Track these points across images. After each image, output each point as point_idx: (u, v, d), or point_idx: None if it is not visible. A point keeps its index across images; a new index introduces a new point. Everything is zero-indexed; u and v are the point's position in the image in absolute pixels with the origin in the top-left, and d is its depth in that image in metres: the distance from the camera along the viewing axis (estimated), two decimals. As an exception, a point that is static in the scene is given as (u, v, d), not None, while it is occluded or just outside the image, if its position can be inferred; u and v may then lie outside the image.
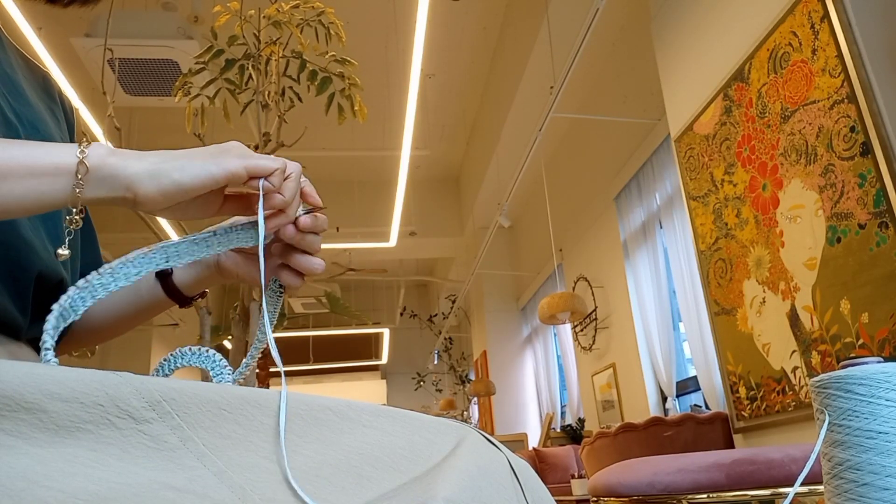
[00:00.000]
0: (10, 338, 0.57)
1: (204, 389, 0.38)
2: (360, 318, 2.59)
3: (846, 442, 0.69)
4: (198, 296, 0.69)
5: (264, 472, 0.37)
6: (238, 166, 0.51)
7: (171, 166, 0.49)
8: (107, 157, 0.48)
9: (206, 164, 0.50)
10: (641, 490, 1.68)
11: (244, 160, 0.51)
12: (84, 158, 0.47)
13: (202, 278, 0.67)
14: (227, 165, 0.50)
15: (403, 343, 11.13)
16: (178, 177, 0.49)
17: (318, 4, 1.89)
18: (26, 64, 0.71)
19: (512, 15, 5.07)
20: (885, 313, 1.92)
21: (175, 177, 0.49)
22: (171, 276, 0.66)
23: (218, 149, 0.52)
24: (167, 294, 0.67)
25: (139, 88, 3.73)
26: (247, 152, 0.53)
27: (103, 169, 0.48)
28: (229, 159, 0.51)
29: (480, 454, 0.45)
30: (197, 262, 0.65)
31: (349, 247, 7.08)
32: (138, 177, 0.48)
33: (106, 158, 0.48)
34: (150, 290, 0.67)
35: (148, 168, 0.49)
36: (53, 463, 0.31)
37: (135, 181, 0.48)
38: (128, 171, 0.48)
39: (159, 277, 0.66)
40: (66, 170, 0.47)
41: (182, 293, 0.67)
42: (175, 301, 0.67)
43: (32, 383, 0.33)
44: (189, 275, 0.67)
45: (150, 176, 0.48)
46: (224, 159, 0.51)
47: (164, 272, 0.66)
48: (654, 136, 3.98)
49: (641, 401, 4.28)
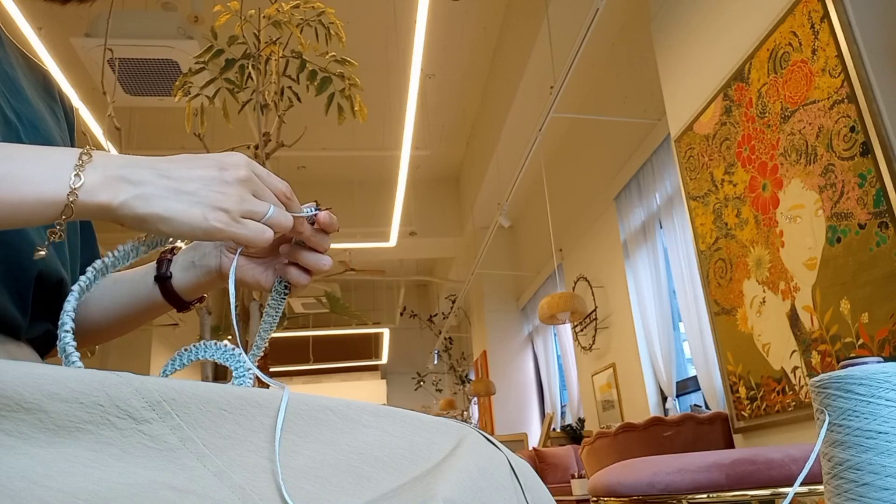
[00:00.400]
0: (10, 337, 0.57)
1: (204, 389, 0.38)
2: (360, 318, 2.59)
3: (846, 442, 0.69)
4: (196, 300, 0.68)
5: (264, 472, 0.37)
6: (224, 237, 0.50)
7: (159, 216, 0.48)
8: (98, 194, 0.47)
9: (195, 224, 0.49)
10: (641, 490, 1.68)
11: (234, 231, 0.50)
12: (73, 202, 0.46)
13: (202, 283, 0.66)
14: (214, 235, 0.50)
15: (403, 343, 11.13)
16: (163, 228, 0.49)
17: (318, 4, 1.89)
18: (26, 63, 0.71)
19: (512, 15, 5.07)
20: (885, 313, 1.92)
21: (161, 228, 0.49)
22: (170, 280, 0.65)
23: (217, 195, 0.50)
24: (166, 298, 0.66)
25: (139, 88, 3.73)
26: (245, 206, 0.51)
27: (92, 207, 0.47)
28: (221, 224, 0.50)
29: (480, 454, 0.45)
30: (196, 267, 0.65)
31: (349, 247, 7.08)
32: (125, 219, 0.48)
33: (97, 195, 0.47)
34: (149, 293, 0.66)
35: (137, 212, 0.48)
36: (53, 463, 0.31)
37: (122, 221, 0.48)
38: (118, 212, 0.48)
39: (158, 281, 0.66)
40: (54, 203, 0.46)
41: (180, 297, 0.66)
42: (173, 305, 0.67)
43: (32, 383, 0.33)
44: (188, 279, 0.66)
45: (138, 221, 0.48)
46: (216, 223, 0.49)
47: (163, 276, 0.65)
48: (654, 136, 3.98)
49: (641, 401, 4.28)
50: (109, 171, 0.48)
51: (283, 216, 0.53)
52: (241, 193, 0.51)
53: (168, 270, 0.65)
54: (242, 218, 0.51)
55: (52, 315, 0.61)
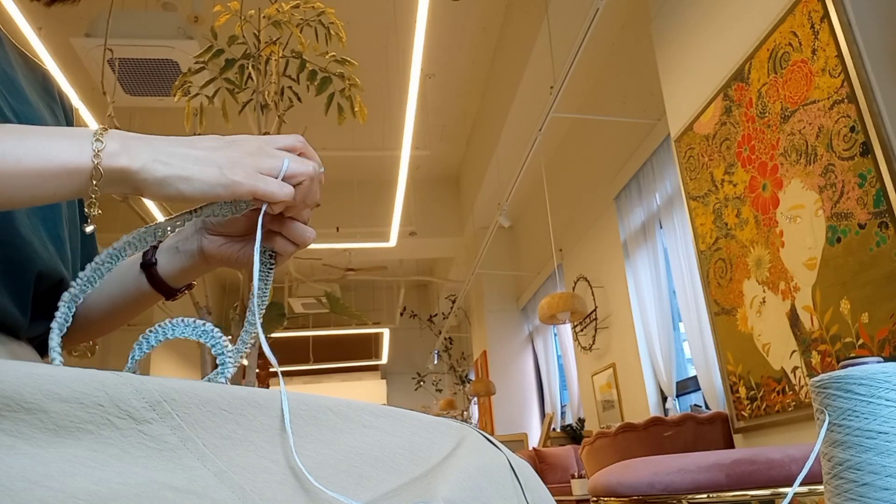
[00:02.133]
0: (11, 337, 0.57)
1: (204, 390, 0.38)
2: (360, 318, 2.59)
3: (846, 442, 0.69)
4: (184, 287, 0.68)
5: (264, 472, 0.37)
6: (246, 190, 0.51)
7: (178, 175, 0.49)
8: (118, 157, 0.48)
9: (214, 180, 0.50)
10: (641, 490, 1.68)
11: (254, 183, 0.51)
12: (98, 164, 0.47)
13: (187, 268, 0.65)
14: (234, 188, 0.51)
15: (403, 343, 11.13)
16: (183, 188, 0.50)
17: (318, 4, 1.89)
18: (26, 63, 0.71)
19: (512, 15, 5.07)
20: (885, 313, 1.92)
21: (181, 187, 0.50)
22: (155, 267, 0.65)
23: (231, 154, 0.52)
24: (152, 285, 0.66)
25: (139, 88, 3.73)
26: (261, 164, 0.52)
27: (114, 173, 0.48)
28: (239, 177, 0.51)
29: (480, 454, 0.45)
30: (180, 252, 0.65)
31: (349, 247, 7.08)
32: (147, 182, 0.49)
33: (118, 159, 0.48)
34: (135, 282, 0.66)
35: (157, 175, 0.49)
36: (53, 463, 0.31)
37: (143, 186, 0.49)
38: (137, 176, 0.49)
39: (144, 268, 0.65)
40: (79, 172, 0.47)
41: (167, 284, 0.66)
42: (160, 293, 0.66)
43: (32, 383, 0.33)
44: (173, 264, 0.65)
45: (158, 183, 0.49)
46: (235, 176, 0.51)
47: (148, 262, 0.65)
48: (654, 136, 3.98)
49: (641, 401, 4.28)
50: (126, 140, 0.49)
51: (301, 163, 0.54)
52: (253, 152, 0.52)
53: (153, 257, 0.65)
54: (260, 174, 0.52)
55: (53, 315, 0.61)
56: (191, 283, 0.69)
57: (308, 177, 0.54)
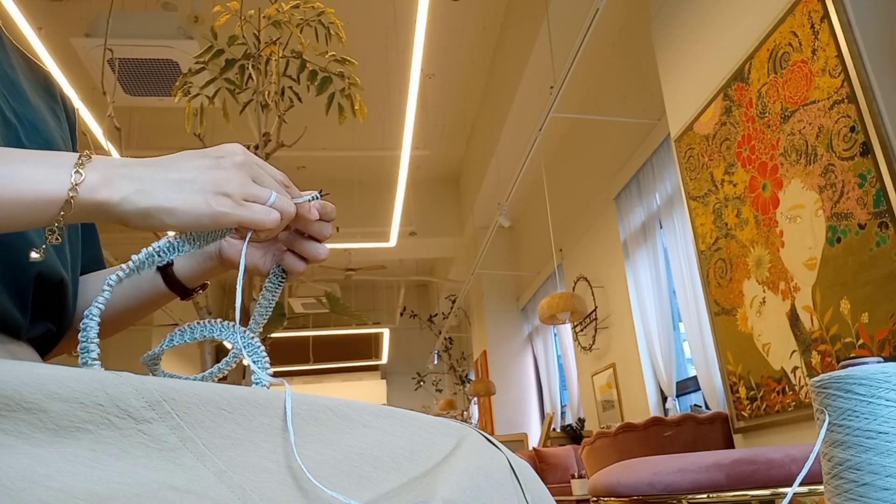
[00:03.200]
0: (10, 337, 0.57)
1: (204, 389, 0.38)
2: (360, 318, 2.59)
3: (846, 442, 0.69)
4: (199, 287, 0.68)
5: (264, 472, 0.37)
6: (232, 221, 0.50)
7: (161, 207, 0.48)
8: (99, 191, 0.47)
9: (199, 212, 0.49)
10: (641, 490, 1.68)
11: (240, 214, 0.50)
12: (73, 198, 0.46)
13: (205, 269, 0.66)
14: (220, 220, 0.50)
15: (403, 343, 11.13)
16: (166, 220, 0.49)
17: (318, 4, 1.89)
18: (27, 64, 0.71)
19: (512, 15, 5.07)
20: (885, 313, 1.92)
21: (164, 220, 0.48)
22: (172, 268, 0.66)
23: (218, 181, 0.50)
24: (168, 286, 0.66)
25: (139, 88, 3.73)
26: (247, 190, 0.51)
27: (93, 205, 0.47)
28: (226, 208, 0.50)
29: (480, 454, 0.46)
30: (198, 253, 0.65)
31: (349, 247, 7.08)
32: (128, 215, 0.48)
33: (98, 192, 0.47)
34: (151, 282, 0.66)
35: (139, 207, 0.48)
36: (53, 463, 0.31)
37: (124, 218, 0.48)
38: (119, 208, 0.47)
39: (160, 269, 0.66)
40: (54, 202, 0.46)
41: (183, 284, 0.66)
42: (176, 293, 0.67)
43: (32, 383, 0.33)
44: (190, 266, 0.66)
45: (141, 216, 0.48)
46: (220, 207, 0.49)
47: (165, 263, 0.65)
48: (654, 136, 3.98)
49: (641, 401, 4.28)
50: (109, 170, 0.48)
51: (286, 201, 0.54)
52: (242, 178, 0.51)
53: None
54: (245, 201, 0.51)
55: (53, 315, 0.61)
56: (205, 284, 0.69)
57: (288, 218, 0.54)
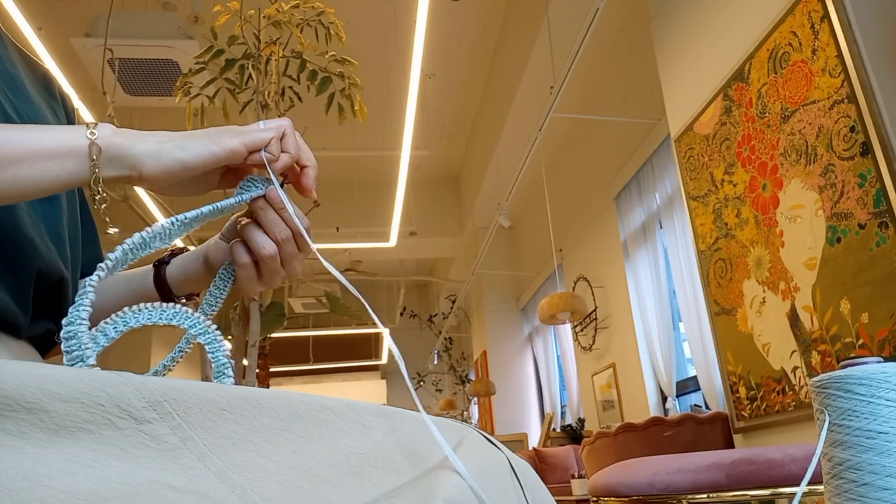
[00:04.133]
0: (11, 336, 0.57)
1: (204, 389, 0.38)
2: (360, 319, 2.59)
3: (846, 442, 0.69)
4: (184, 297, 0.67)
5: (264, 472, 0.37)
6: (237, 143, 0.54)
7: (173, 146, 0.52)
8: (113, 138, 0.50)
9: (206, 142, 0.53)
10: (641, 490, 1.68)
11: (241, 137, 0.54)
12: (95, 140, 0.49)
13: (189, 274, 0.66)
14: (226, 143, 0.53)
15: (403, 343, 11.12)
16: (180, 155, 0.52)
17: (318, 4, 1.89)
18: (27, 62, 0.71)
19: (512, 15, 5.07)
20: (885, 313, 1.92)
21: (178, 155, 0.51)
22: (166, 266, 0.66)
23: (215, 130, 0.55)
24: (155, 284, 0.66)
25: (139, 88, 3.73)
26: (243, 129, 0.55)
27: (111, 150, 0.50)
28: (228, 137, 0.54)
29: (480, 454, 0.46)
30: (188, 255, 0.66)
31: (349, 247, 7.08)
32: (143, 156, 0.51)
33: (113, 139, 0.50)
34: (142, 280, 0.67)
35: (152, 148, 0.51)
36: (54, 463, 0.31)
37: (140, 160, 0.51)
38: (133, 150, 0.51)
39: (155, 266, 0.67)
40: (77, 151, 0.49)
41: (168, 287, 0.66)
42: (159, 293, 0.66)
43: (33, 383, 0.33)
44: (179, 266, 0.66)
45: (154, 155, 0.51)
46: (222, 138, 0.53)
47: (162, 261, 0.67)
48: (654, 136, 3.98)
49: (641, 401, 4.28)
50: (118, 130, 0.52)
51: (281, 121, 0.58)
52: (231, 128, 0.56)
53: (169, 258, 0.67)
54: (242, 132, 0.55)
55: (53, 313, 0.61)
56: (191, 294, 0.68)
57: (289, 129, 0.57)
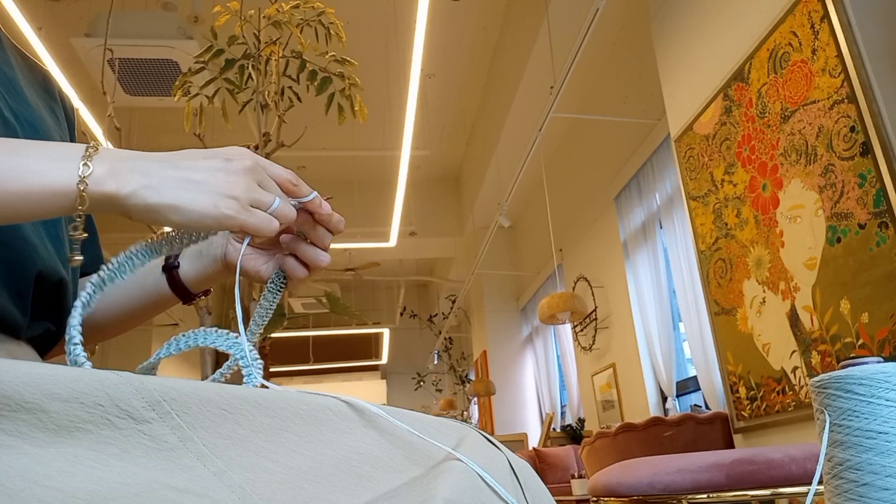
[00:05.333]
0: (10, 337, 0.57)
1: (204, 389, 0.38)
2: (360, 318, 2.59)
3: (846, 442, 0.69)
4: (201, 293, 0.68)
5: (264, 472, 0.37)
6: (235, 225, 0.51)
7: (169, 207, 0.48)
8: (107, 183, 0.47)
9: (205, 213, 0.49)
10: (641, 490, 1.68)
11: (244, 219, 0.51)
12: (84, 190, 0.46)
13: (209, 273, 0.66)
14: (224, 222, 0.50)
15: (403, 343, 11.13)
16: (173, 218, 0.49)
17: (318, 4, 1.89)
18: (25, 63, 0.71)
19: (512, 15, 5.07)
20: (885, 313, 1.92)
21: (170, 217, 0.49)
22: (178, 270, 0.66)
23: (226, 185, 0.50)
24: (172, 289, 0.66)
25: (139, 88, 3.73)
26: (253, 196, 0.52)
27: (101, 197, 0.47)
28: (231, 212, 0.50)
29: (480, 454, 0.45)
30: (204, 256, 0.66)
31: (349, 247, 7.08)
32: (135, 209, 0.48)
33: (106, 184, 0.47)
34: (156, 284, 0.66)
35: (147, 203, 0.48)
36: (53, 463, 0.31)
37: (132, 212, 0.48)
38: (127, 202, 0.48)
39: (166, 271, 0.66)
40: (62, 194, 0.46)
41: (186, 288, 0.66)
42: (179, 296, 0.67)
43: (32, 383, 0.33)
44: (196, 269, 0.66)
45: (147, 211, 0.48)
46: (226, 210, 0.50)
47: (171, 265, 0.66)
48: (654, 136, 3.98)
49: (641, 401, 4.28)
50: (117, 162, 0.48)
51: (288, 208, 0.54)
52: (248, 182, 0.52)
53: (176, 260, 0.66)
54: (251, 206, 0.52)
55: (52, 314, 0.61)
56: (208, 290, 0.69)
57: (288, 223, 0.55)
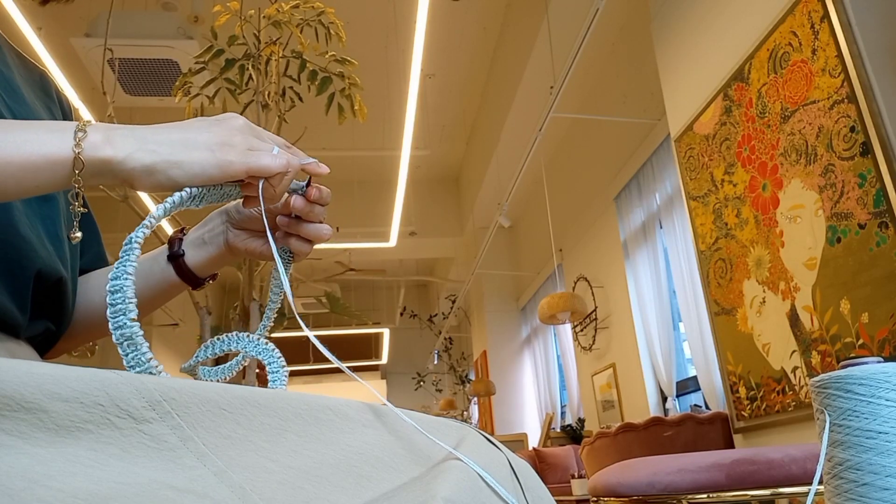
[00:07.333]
0: (10, 336, 0.57)
1: (204, 389, 0.38)
2: (360, 318, 2.60)
3: (846, 442, 0.69)
4: (209, 277, 0.69)
5: (264, 472, 0.37)
6: (239, 169, 0.51)
7: (168, 163, 0.48)
8: (102, 149, 0.47)
9: (205, 162, 0.49)
10: (641, 490, 1.68)
11: (246, 160, 0.51)
12: (80, 154, 0.46)
13: (214, 258, 0.67)
14: (227, 168, 0.50)
15: (403, 343, 11.13)
16: (174, 174, 0.49)
17: (318, 4, 1.89)
18: (23, 62, 0.71)
19: (512, 15, 5.07)
20: (885, 313, 1.92)
21: (171, 174, 0.49)
22: (183, 258, 0.66)
23: (220, 136, 0.51)
24: (180, 276, 0.67)
25: (139, 88, 3.73)
26: (251, 142, 0.52)
27: (97, 163, 0.47)
28: (231, 157, 0.50)
29: (480, 454, 0.45)
30: (207, 243, 0.66)
31: (349, 247, 7.08)
32: (135, 172, 0.48)
33: (101, 150, 0.47)
34: (161, 273, 0.67)
35: (145, 163, 0.48)
36: (53, 463, 0.31)
37: (129, 176, 0.48)
38: (122, 165, 0.48)
39: (171, 260, 0.66)
40: (60, 163, 0.46)
41: (195, 274, 0.67)
42: (188, 282, 0.67)
43: (32, 383, 0.33)
44: (201, 255, 0.67)
45: (147, 172, 0.48)
46: (226, 156, 0.50)
47: (176, 254, 0.66)
48: (654, 136, 3.98)
49: (641, 401, 4.28)
50: (111, 131, 0.48)
51: (289, 155, 0.54)
52: (244, 132, 0.52)
53: (180, 249, 0.66)
54: (251, 150, 0.51)
55: (52, 313, 0.61)
56: (215, 274, 0.70)
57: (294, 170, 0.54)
